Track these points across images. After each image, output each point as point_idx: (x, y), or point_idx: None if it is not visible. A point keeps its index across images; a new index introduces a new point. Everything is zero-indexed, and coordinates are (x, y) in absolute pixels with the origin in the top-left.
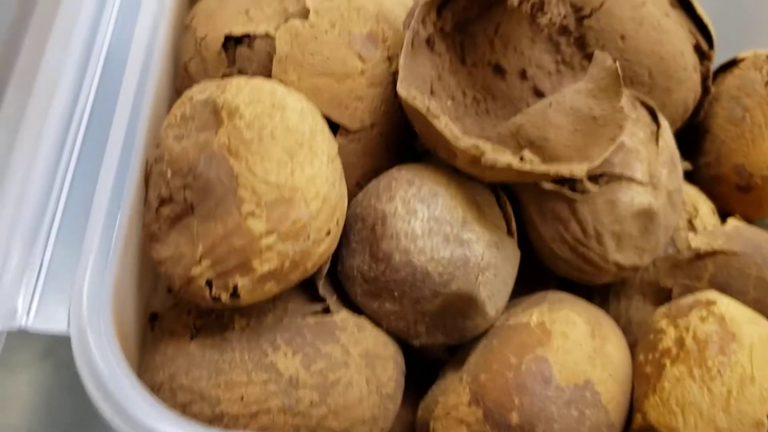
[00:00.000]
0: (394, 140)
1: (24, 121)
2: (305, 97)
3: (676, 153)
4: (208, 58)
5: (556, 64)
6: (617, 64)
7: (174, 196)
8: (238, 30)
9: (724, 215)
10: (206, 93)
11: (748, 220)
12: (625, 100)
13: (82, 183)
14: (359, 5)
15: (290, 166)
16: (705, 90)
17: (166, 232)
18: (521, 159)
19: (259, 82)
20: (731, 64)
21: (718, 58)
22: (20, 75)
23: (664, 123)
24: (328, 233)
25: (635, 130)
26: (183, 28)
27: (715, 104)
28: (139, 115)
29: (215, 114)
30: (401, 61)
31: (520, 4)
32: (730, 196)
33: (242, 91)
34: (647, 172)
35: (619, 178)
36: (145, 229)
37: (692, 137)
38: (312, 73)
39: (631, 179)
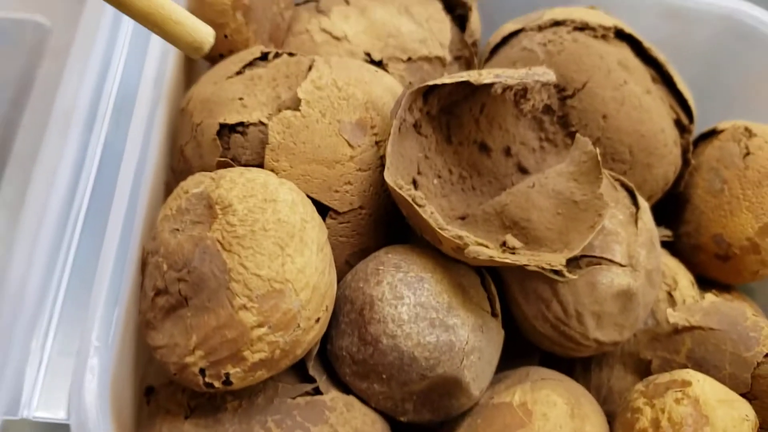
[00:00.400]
0: (383, 220)
1: (24, 208)
2: (296, 186)
3: (655, 232)
4: (203, 143)
5: (539, 141)
6: (597, 150)
7: (169, 288)
8: (232, 118)
9: (704, 282)
10: (201, 186)
11: (729, 286)
12: (606, 181)
13: (81, 271)
14: (349, 94)
15: (281, 259)
16: (685, 162)
17: (161, 320)
18: (504, 244)
19: (253, 175)
20: (711, 134)
21: (700, 125)
22: (18, 158)
23: (643, 204)
24: (318, 320)
25: (615, 212)
26: (179, 111)
27: (695, 174)
28: (137, 204)
29: (210, 208)
30: (388, 149)
31: (503, 91)
32: (710, 264)
33: (236, 186)
34: (626, 254)
35: (599, 260)
36: (142, 316)
37: (673, 206)
38: (303, 160)
39: (610, 261)
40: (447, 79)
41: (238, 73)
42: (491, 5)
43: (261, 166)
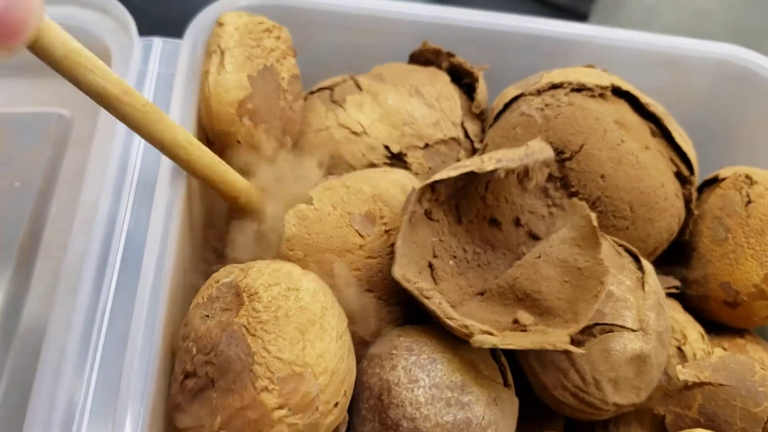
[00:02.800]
0: (394, 301)
1: (55, 302)
2: (318, 277)
3: (662, 293)
4: None
5: (547, 207)
6: (593, 215)
7: (197, 371)
8: None
9: (717, 326)
10: (231, 276)
11: (739, 330)
12: (610, 248)
13: (109, 364)
14: (357, 189)
15: (301, 343)
16: (689, 211)
17: (189, 402)
18: (515, 321)
19: (278, 265)
20: (714, 181)
21: (704, 168)
22: (47, 250)
23: (648, 267)
24: (336, 405)
25: (622, 278)
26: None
27: (700, 223)
28: (159, 296)
29: (237, 296)
30: (398, 242)
31: (506, 175)
32: (719, 310)
33: (262, 275)
34: (637, 319)
35: (611, 327)
36: (171, 399)
37: (680, 254)
38: (317, 250)
39: (622, 327)
40: (452, 172)
41: None
42: (496, 68)
43: None
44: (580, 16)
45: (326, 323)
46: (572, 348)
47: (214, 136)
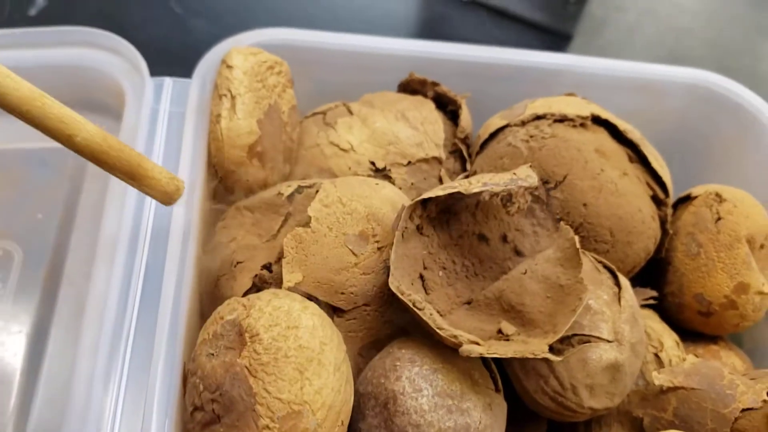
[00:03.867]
0: (389, 313)
1: (82, 329)
2: (318, 309)
3: (637, 308)
4: (237, 278)
5: (533, 226)
6: (576, 238)
7: (204, 407)
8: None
9: (691, 334)
10: (234, 314)
11: (716, 336)
12: (589, 264)
13: (135, 384)
14: (352, 209)
15: (300, 383)
16: (664, 231)
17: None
18: (499, 331)
19: (279, 302)
20: (687, 199)
21: (678, 185)
22: (70, 279)
23: (625, 283)
24: None
25: (600, 293)
26: (219, 243)
27: (675, 239)
28: (177, 328)
29: (240, 335)
30: (392, 257)
31: (491, 197)
32: (694, 320)
33: (263, 315)
34: (612, 331)
35: (588, 338)
36: (183, 426)
37: (657, 269)
38: (314, 270)
39: (598, 339)
40: (440, 191)
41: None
42: (480, 96)
43: None
44: (564, 36)
45: (324, 358)
46: (550, 356)
47: (224, 174)
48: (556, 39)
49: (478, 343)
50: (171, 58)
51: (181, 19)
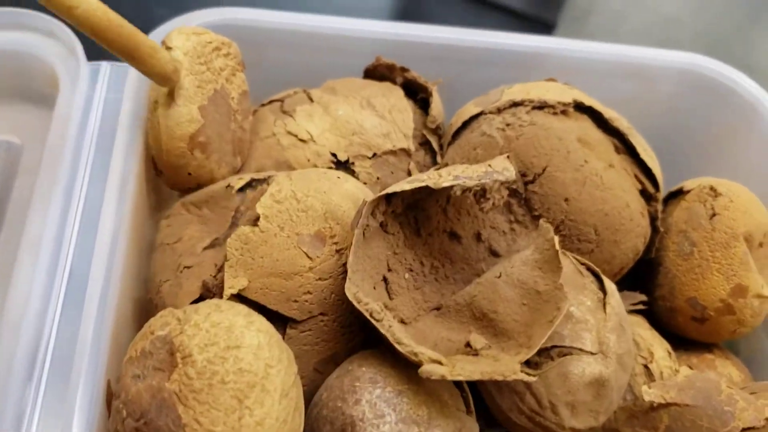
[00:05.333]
0: (349, 323)
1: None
2: (265, 324)
3: (624, 315)
4: (184, 286)
5: (509, 223)
6: (557, 239)
7: None
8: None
9: (683, 341)
10: (167, 329)
11: (708, 344)
12: (571, 266)
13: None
14: (307, 206)
15: (238, 412)
16: (654, 229)
17: None
18: (468, 345)
19: (219, 318)
20: (679, 193)
21: (669, 178)
22: None
23: (611, 288)
24: None
25: (582, 299)
26: (163, 244)
27: (665, 237)
28: (102, 333)
29: (171, 354)
30: (350, 259)
31: (463, 192)
32: (687, 326)
33: (199, 332)
34: (596, 341)
35: (569, 350)
36: None
37: (646, 270)
38: (262, 274)
39: (581, 350)
40: (406, 185)
41: None
42: (457, 82)
43: None
44: (548, 25)
45: (269, 383)
46: (523, 377)
47: (164, 168)
48: (539, 28)
49: (441, 362)
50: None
51: (144, 5)
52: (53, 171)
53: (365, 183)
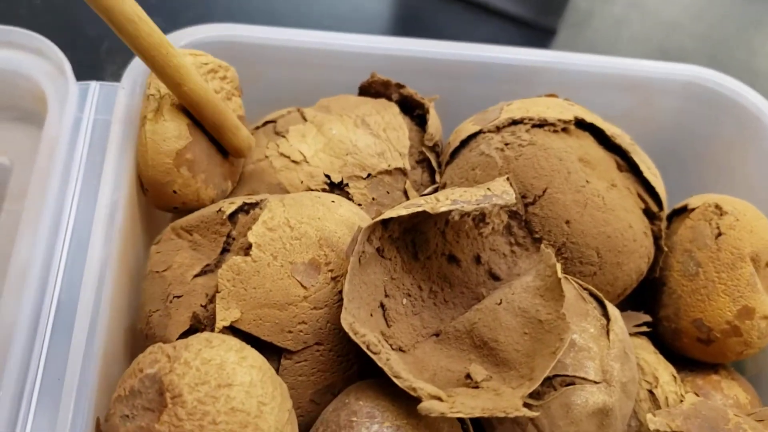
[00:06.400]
0: (346, 351)
1: None
2: (259, 359)
3: (628, 341)
4: (174, 317)
5: (510, 246)
6: (559, 267)
7: None
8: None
9: (689, 362)
10: (156, 367)
11: (714, 365)
12: (574, 292)
13: None
14: (301, 233)
15: None
16: (659, 249)
17: None
18: (468, 376)
19: (210, 354)
20: (683, 211)
21: (674, 193)
22: None
23: (614, 314)
24: None
25: (585, 326)
26: (153, 272)
27: (670, 257)
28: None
29: (161, 394)
30: (345, 288)
31: (461, 217)
32: (693, 347)
33: (189, 371)
34: (600, 370)
35: (572, 379)
36: None
37: (650, 290)
38: (255, 305)
39: (584, 380)
40: (403, 211)
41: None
42: (455, 97)
43: None
44: (548, 30)
45: (262, 422)
46: (525, 413)
47: (149, 184)
48: (540, 34)
49: (440, 398)
50: (126, 56)
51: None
52: (41, 195)
53: (360, 204)
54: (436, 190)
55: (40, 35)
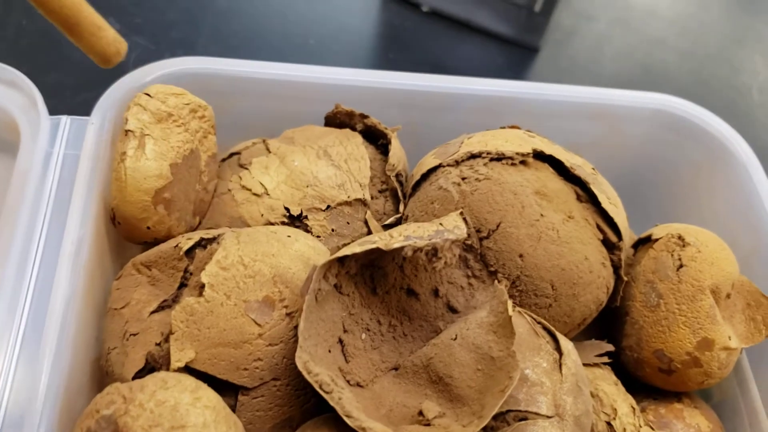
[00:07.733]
0: (303, 385)
1: None
2: (213, 399)
3: (582, 374)
4: (130, 355)
5: (467, 278)
6: (510, 304)
7: None
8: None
9: (652, 390)
10: (111, 408)
11: (677, 393)
12: (527, 327)
13: None
14: (255, 271)
15: None
16: (619, 277)
17: None
18: (420, 413)
19: (165, 396)
20: (647, 240)
21: (641, 220)
22: None
23: (567, 347)
24: None
25: (538, 361)
26: (112, 310)
27: (633, 287)
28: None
29: None
30: (300, 325)
31: (414, 252)
32: (654, 377)
33: (143, 413)
34: (552, 404)
35: (525, 414)
36: None
37: (614, 319)
38: (209, 345)
39: (536, 414)
40: (357, 248)
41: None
42: (422, 127)
43: None
44: (531, 48)
45: None
46: None
47: (123, 219)
48: (523, 51)
49: None
50: (108, 76)
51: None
52: (10, 232)
53: (319, 236)
54: (398, 220)
55: (13, 68)
